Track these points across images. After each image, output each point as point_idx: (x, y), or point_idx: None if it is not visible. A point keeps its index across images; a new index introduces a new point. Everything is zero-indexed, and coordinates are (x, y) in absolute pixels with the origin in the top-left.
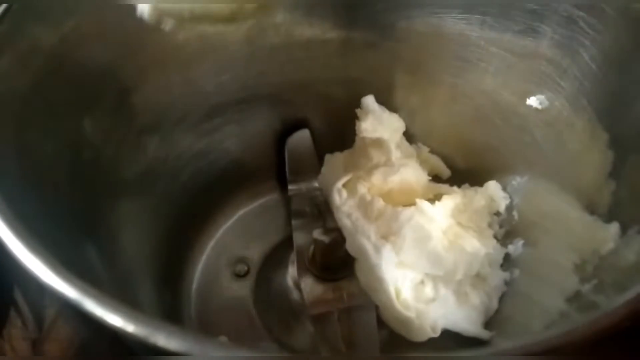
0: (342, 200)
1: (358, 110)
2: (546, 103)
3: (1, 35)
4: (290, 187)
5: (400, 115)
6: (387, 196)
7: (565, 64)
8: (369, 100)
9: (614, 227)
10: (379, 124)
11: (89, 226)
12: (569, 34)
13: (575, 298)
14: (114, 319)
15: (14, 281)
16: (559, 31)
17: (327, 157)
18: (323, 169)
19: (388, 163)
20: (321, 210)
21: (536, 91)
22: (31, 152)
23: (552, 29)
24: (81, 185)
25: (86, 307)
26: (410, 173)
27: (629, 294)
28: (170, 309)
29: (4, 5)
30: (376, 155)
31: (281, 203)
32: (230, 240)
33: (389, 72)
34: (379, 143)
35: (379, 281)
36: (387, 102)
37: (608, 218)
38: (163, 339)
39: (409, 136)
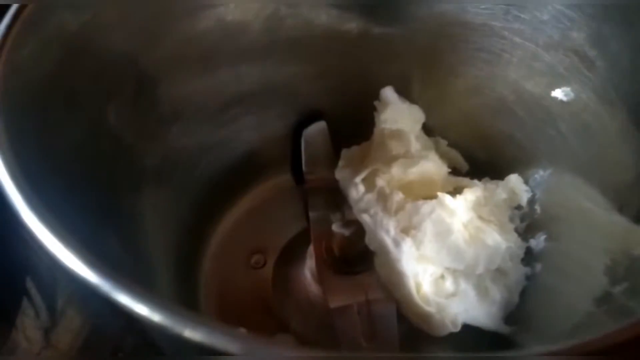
0: (359, 195)
1: (376, 102)
2: (572, 95)
3: (26, 21)
4: (306, 179)
5: None
6: (407, 189)
7: (593, 56)
8: (388, 92)
9: None
10: (398, 115)
11: (110, 215)
12: (598, 25)
13: (604, 300)
14: (141, 308)
15: (26, 271)
16: (587, 22)
17: (344, 151)
18: (340, 163)
19: (407, 155)
20: (338, 203)
21: (562, 83)
22: (53, 139)
23: (581, 19)
24: (102, 174)
25: (113, 296)
26: (430, 165)
27: None
28: (186, 299)
29: None
30: (395, 147)
31: (298, 195)
32: (247, 231)
33: (408, 63)
34: (398, 134)
35: (399, 275)
36: (405, 94)
37: (638, 219)
38: (188, 331)
39: (427, 129)
